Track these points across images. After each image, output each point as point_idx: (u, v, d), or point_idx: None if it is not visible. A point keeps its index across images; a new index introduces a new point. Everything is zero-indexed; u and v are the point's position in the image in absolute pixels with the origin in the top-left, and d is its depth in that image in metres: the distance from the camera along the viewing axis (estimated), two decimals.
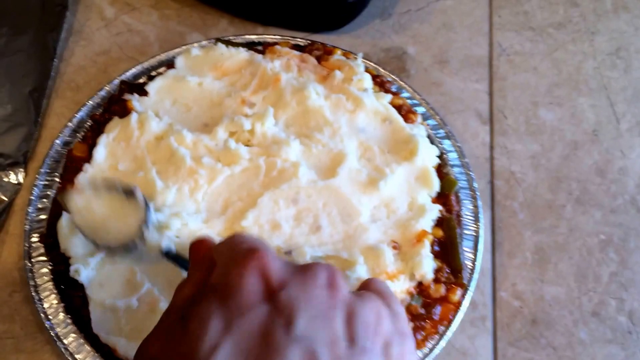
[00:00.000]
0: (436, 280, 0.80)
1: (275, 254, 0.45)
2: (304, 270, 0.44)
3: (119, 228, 0.73)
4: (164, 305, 0.73)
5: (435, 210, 0.84)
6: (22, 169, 0.90)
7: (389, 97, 0.93)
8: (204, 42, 1.00)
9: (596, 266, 0.91)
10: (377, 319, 0.44)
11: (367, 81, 0.94)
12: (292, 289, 0.42)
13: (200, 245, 0.53)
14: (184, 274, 0.73)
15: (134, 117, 0.86)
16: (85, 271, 0.76)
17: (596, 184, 0.98)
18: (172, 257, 0.72)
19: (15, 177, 0.90)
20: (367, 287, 0.49)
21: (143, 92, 0.91)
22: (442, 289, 0.80)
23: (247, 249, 0.44)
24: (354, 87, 0.91)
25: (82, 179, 0.82)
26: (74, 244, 0.77)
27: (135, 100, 0.89)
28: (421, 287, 0.80)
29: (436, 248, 0.82)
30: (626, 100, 1.07)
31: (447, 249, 0.83)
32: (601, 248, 0.92)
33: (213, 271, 0.46)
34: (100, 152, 0.84)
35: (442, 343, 0.79)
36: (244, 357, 0.39)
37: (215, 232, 0.79)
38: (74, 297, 0.76)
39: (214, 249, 0.50)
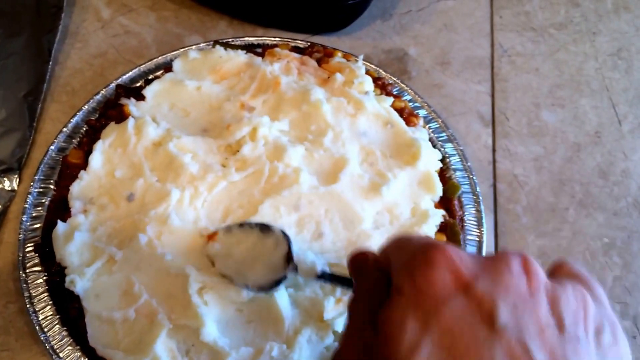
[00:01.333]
0: None
1: (456, 247, 0.41)
2: (495, 260, 0.40)
3: (264, 264, 0.72)
4: (162, 317, 0.70)
5: (438, 216, 0.81)
6: (16, 176, 0.87)
7: (390, 100, 0.90)
8: (202, 45, 0.97)
9: (600, 270, 0.88)
10: (583, 304, 0.40)
11: (368, 84, 0.91)
12: (486, 280, 0.39)
13: (360, 257, 0.49)
14: (193, 294, 0.71)
15: (130, 122, 0.82)
16: (81, 282, 0.72)
17: (599, 186, 0.95)
18: (327, 277, 0.69)
19: (9, 183, 0.86)
20: (559, 271, 0.44)
21: (140, 97, 0.87)
22: None
23: (424, 246, 0.41)
24: (355, 90, 0.88)
25: (75, 188, 0.79)
26: (69, 254, 0.74)
27: (132, 105, 0.85)
28: None
29: None
30: (628, 101, 1.04)
31: None
32: (605, 252, 0.89)
33: (392, 276, 0.43)
34: (97, 158, 0.81)
35: None
36: (447, 356, 0.37)
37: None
38: (70, 309, 0.73)
39: (386, 251, 0.46)
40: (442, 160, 0.88)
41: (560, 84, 1.06)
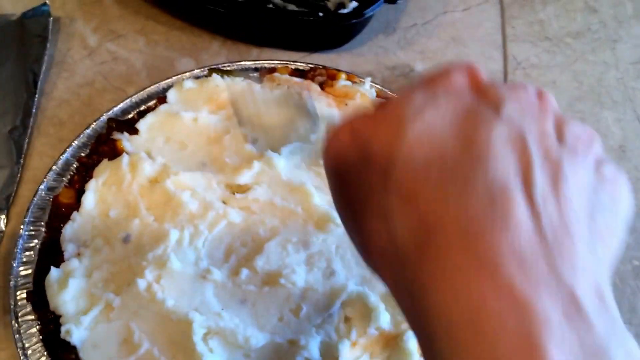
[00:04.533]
0: None
1: None
2: (513, 84, 0.42)
3: (283, 131, 0.79)
4: None
5: None
6: (3, 215, 0.88)
7: None
8: (196, 71, 0.98)
9: (631, 295, 0.88)
10: (589, 137, 0.40)
11: None
12: (500, 89, 0.40)
13: None
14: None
15: (124, 159, 0.83)
16: (77, 331, 0.72)
17: None
18: None
19: None
20: None
21: (133, 130, 0.88)
22: None
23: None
24: None
25: (68, 230, 0.79)
26: (64, 302, 0.74)
27: (125, 140, 0.86)
28: None
29: None
30: None
31: None
32: (635, 275, 0.90)
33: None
34: (90, 198, 0.81)
35: None
36: (450, 122, 0.37)
37: (219, 282, 0.76)
38: None
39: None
40: None
41: (580, 96, 1.06)
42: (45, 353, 0.75)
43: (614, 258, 0.39)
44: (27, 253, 0.82)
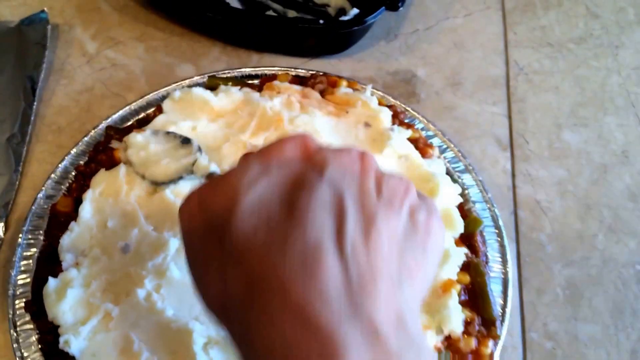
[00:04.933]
0: (467, 333, 0.77)
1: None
2: (340, 148, 0.49)
3: (169, 165, 0.83)
4: None
5: (460, 255, 0.81)
6: (2, 223, 0.88)
7: (409, 132, 0.90)
8: (196, 78, 0.98)
9: (633, 300, 0.88)
10: (405, 188, 0.48)
11: (387, 119, 0.91)
12: (327, 153, 0.47)
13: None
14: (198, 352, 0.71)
15: (122, 169, 0.83)
16: (76, 342, 0.72)
17: (629, 209, 0.95)
18: None
19: None
20: None
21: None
22: (473, 343, 0.76)
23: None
24: (374, 125, 0.90)
25: (66, 240, 0.79)
26: (62, 312, 0.74)
27: (123, 150, 0.86)
28: (449, 341, 0.77)
29: (463, 297, 0.79)
30: None
31: (476, 297, 0.80)
32: (638, 279, 0.89)
33: None
34: (87, 209, 0.81)
35: None
36: (278, 191, 0.44)
37: None
38: None
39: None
40: (461, 193, 0.89)
41: (582, 102, 1.06)
42: None
43: (425, 288, 0.48)
44: (25, 262, 0.82)
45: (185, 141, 0.85)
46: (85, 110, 1.01)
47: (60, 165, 0.89)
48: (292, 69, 1.00)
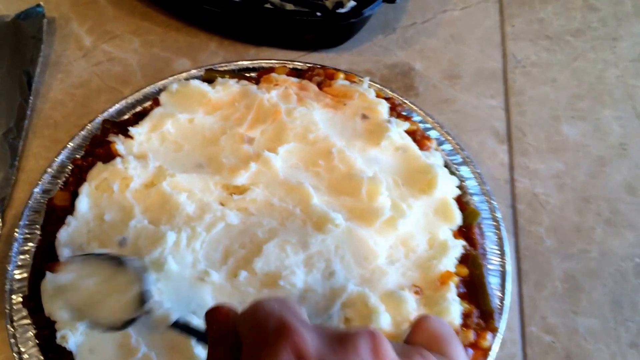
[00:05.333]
0: (465, 326, 0.76)
1: (308, 325, 0.44)
2: (344, 342, 0.43)
3: (114, 302, 0.67)
4: None
5: (458, 247, 0.81)
6: None
7: (406, 125, 0.89)
8: (193, 71, 0.97)
9: (632, 293, 0.87)
10: None
11: (385, 111, 0.91)
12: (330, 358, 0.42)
13: (218, 315, 0.50)
14: (196, 346, 0.70)
15: (118, 162, 0.82)
16: (73, 337, 0.71)
17: (627, 202, 0.94)
18: (182, 327, 0.65)
19: None
20: (420, 329, 0.48)
21: (128, 132, 0.87)
22: (471, 335, 0.76)
23: (276, 327, 0.43)
24: (371, 117, 0.89)
25: (63, 235, 0.78)
26: (59, 308, 0.72)
27: (120, 143, 0.85)
28: None
29: (461, 289, 0.78)
30: None
31: (474, 290, 0.79)
32: (636, 272, 0.89)
33: (241, 353, 0.45)
34: (83, 202, 0.80)
35: None
36: None
37: (217, 284, 0.75)
38: None
39: (237, 324, 0.48)
40: (459, 185, 0.88)
41: (580, 94, 1.05)
42: (42, 358, 0.74)
43: None
44: (22, 256, 0.81)
45: (119, 262, 0.70)
46: (81, 105, 1.00)
47: (56, 159, 0.88)
48: (290, 62, 0.98)
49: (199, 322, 0.70)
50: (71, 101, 1.00)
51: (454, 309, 0.75)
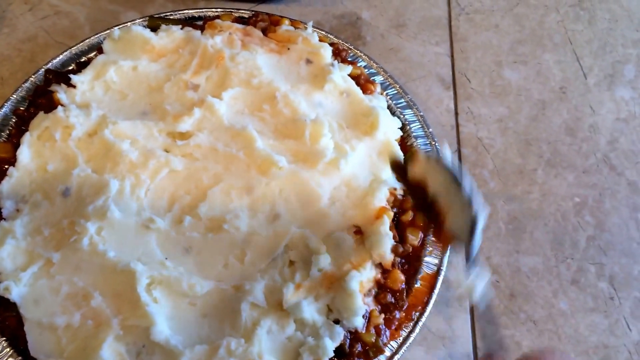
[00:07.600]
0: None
1: None
2: None
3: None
4: (109, 319, 0.65)
5: (393, 180, 0.77)
6: None
7: (349, 68, 0.85)
8: (138, 20, 0.91)
9: (572, 231, 0.85)
10: None
11: (328, 55, 0.86)
12: None
13: None
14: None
15: (60, 111, 0.76)
16: (17, 288, 0.67)
17: (567, 144, 0.92)
18: None
19: None
20: None
21: (71, 83, 0.81)
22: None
23: None
24: (315, 61, 0.85)
25: (5, 186, 0.73)
26: (1, 259, 0.68)
27: (62, 92, 0.79)
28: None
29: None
30: (592, 53, 1.01)
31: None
32: (576, 212, 0.87)
33: None
34: (25, 152, 0.75)
35: (417, 329, 0.72)
36: None
37: (162, 230, 0.71)
38: (8, 317, 0.67)
39: None
40: (402, 128, 0.84)
41: (522, 39, 1.02)
42: None
43: None
44: None
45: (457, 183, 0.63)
46: (28, 60, 0.93)
47: (0, 111, 0.82)
48: (236, 10, 0.93)
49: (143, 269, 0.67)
50: (17, 56, 0.94)
51: (386, 241, 0.72)
